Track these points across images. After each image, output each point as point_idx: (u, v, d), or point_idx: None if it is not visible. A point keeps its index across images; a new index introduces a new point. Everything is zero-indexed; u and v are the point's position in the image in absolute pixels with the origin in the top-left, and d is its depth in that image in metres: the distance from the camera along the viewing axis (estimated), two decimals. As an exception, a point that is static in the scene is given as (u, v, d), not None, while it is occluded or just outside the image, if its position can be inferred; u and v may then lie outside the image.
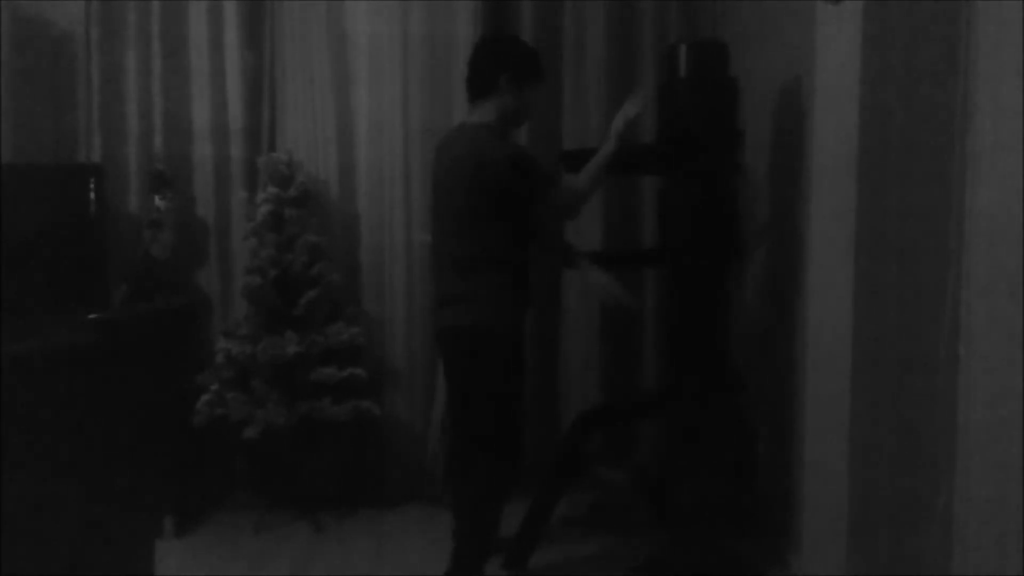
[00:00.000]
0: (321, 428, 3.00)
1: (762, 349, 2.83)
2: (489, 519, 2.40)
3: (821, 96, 2.26)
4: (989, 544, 1.53)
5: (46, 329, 2.26)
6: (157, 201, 3.05)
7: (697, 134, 2.43)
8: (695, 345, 2.52)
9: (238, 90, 3.24)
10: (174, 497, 2.91)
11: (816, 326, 2.31)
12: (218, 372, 2.98)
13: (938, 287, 1.65)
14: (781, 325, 2.63)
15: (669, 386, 2.61)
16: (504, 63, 2.39)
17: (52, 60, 3.21)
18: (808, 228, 2.37)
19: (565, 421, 3.12)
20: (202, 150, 3.24)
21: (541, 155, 2.71)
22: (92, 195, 2.91)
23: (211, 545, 2.89)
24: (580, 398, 3.24)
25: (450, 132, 2.53)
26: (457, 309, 2.34)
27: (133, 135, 3.22)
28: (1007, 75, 1.47)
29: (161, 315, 3.02)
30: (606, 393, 3.28)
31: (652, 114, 3.08)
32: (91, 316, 2.67)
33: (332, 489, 3.13)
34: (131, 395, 2.05)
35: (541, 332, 3.27)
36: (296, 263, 3.00)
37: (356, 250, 3.28)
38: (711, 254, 2.48)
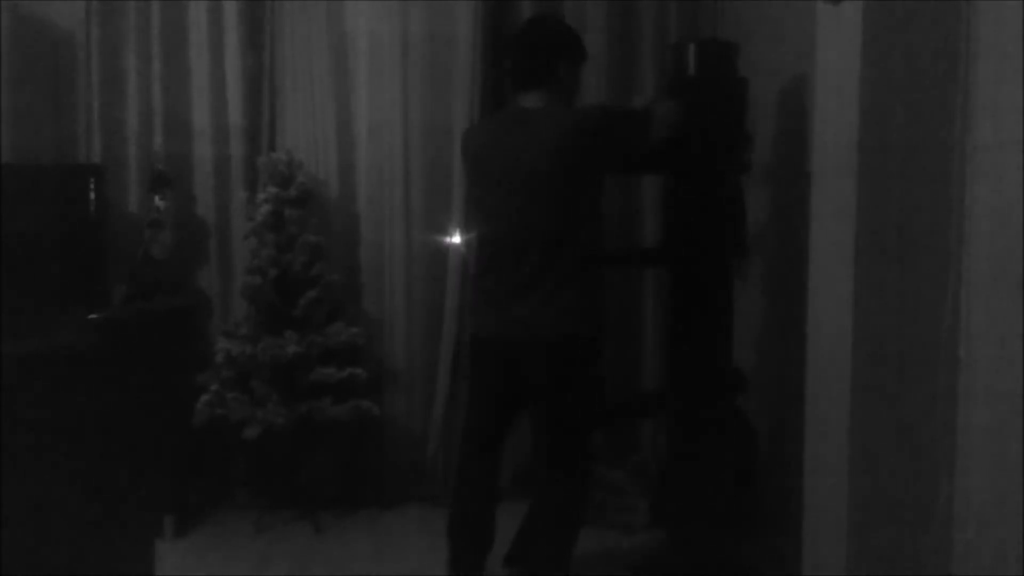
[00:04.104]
0: (321, 428, 3.00)
1: (762, 349, 2.83)
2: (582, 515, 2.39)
3: (821, 96, 2.25)
4: (989, 544, 1.53)
5: (46, 329, 2.27)
6: (157, 201, 3.05)
7: (704, 134, 2.43)
8: (696, 345, 2.51)
9: (238, 90, 3.24)
10: (174, 497, 2.91)
11: (816, 326, 2.31)
12: (218, 372, 2.98)
13: (938, 287, 1.65)
14: (781, 325, 2.63)
15: (669, 386, 2.61)
16: (563, 50, 2.27)
17: (52, 60, 3.21)
18: (808, 228, 2.37)
19: (565, 421, 3.12)
20: (202, 150, 3.25)
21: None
22: (92, 195, 2.91)
23: (211, 545, 2.89)
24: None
25: (495, 120, 2.48)
26: (545, 312, 2.17)
27: (133, 135, 3.22)
28: (1007, 75, 1.47)
29: (161, 315, 3.02)
30: (606, 393, 3.28)
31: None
32: (91, 316, 2.67)
33: (332, 489, 3.13)
34: (131, 395, 2.05)
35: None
36: (296, 263, 3.00)
37: (356, 250, 3.28)
38: (713, 254, 2.47)
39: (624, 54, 3.25)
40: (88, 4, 3.17)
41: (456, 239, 3.18)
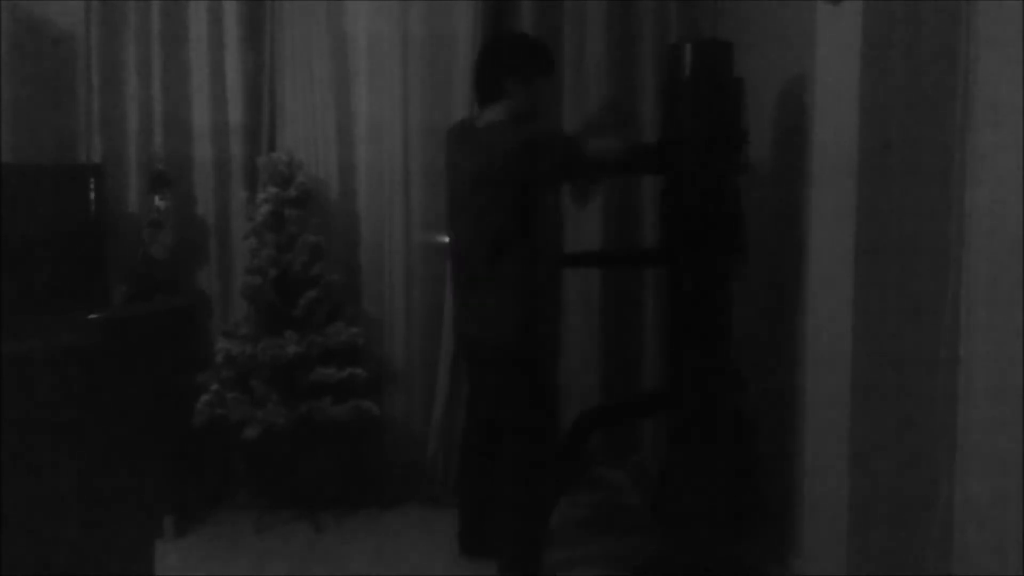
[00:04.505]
0: (321, 428, 3.00)
1: (762, 349, 2.83)
2: (532, 542, 2.43)
3: (821, 96, 2.26)
4: (989, 544, 1.53)
5: (46, 329, 2.26)
6: (157, 201, 3.05)
7: (701, 134, 2.42)
8: (695, 345, 2.51)
9: (238, 90, 3.23)
10: (174, 497, 2.91)
11: (816, 326, 2.31)
12: (218, 372, 2.98)
13: (938, 287, 1.65)
14: (781, 325, 2.63)
15: (669, 386, 2.61)
16: (508, 64, 2.39)
17: (52, 60, 3.21)
18: (808, 228, 2.37)
19: (566, 420, 3.12)
20: (202, 150, 3.24)
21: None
22: (92, 195, 2.91)
23: (211, 545, 2.89)
24: (580, 398, 3.23)
25: (460, 131, 2.54)
26: (474, 317, 2.40)
27: (133, 135, 3.21)
28: (1007, 75, 1.47)
29: (161, 315, 3.02)
30: (606, 393, 3.28)
31: (656, 114, 3.09)
32: (91, 316, 2.67)
33: (332, 489, 3.13)
34: (131, 395, 2.05)
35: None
36: (296, 263, 3.00)
37: (356, 250, 3.28)
38: (712, 254, 2.47)
39: (624, 54, 3.25)
40: (88, 4, 3.16)
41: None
